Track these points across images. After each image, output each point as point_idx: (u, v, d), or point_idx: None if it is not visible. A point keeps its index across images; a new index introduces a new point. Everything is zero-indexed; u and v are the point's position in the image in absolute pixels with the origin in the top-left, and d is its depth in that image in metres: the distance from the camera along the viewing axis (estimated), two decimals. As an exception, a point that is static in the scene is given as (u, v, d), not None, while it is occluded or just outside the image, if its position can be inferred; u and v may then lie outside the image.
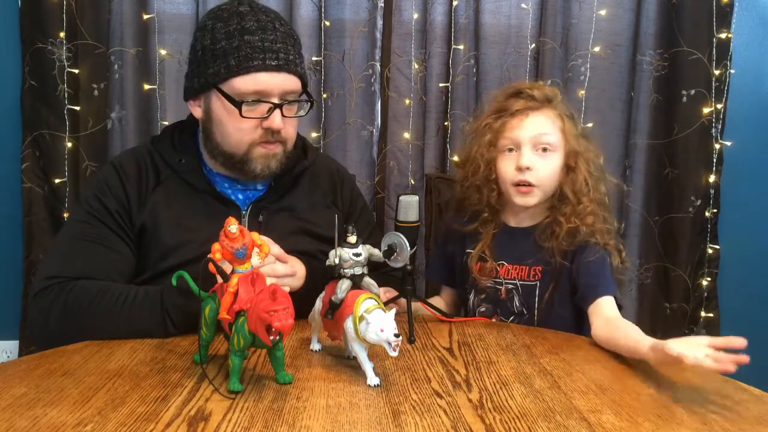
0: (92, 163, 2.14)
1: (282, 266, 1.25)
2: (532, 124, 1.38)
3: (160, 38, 2.13)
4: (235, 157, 1.33)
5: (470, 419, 0.87)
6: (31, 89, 2.11)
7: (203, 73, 1.29)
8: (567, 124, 1.40)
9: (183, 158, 1.36)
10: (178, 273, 1.05)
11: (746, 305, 2.32)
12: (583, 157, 1.39)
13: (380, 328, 0.93)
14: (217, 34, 1.27)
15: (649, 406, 0.94)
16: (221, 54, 1.26)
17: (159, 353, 1.09)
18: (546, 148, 1.37)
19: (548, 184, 1.39)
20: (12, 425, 0.82)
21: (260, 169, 1.32)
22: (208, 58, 1.28)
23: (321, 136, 2.20)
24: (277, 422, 0.84)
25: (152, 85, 2.14)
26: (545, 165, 1.37)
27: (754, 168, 2.30)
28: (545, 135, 1.38)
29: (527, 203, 1.39)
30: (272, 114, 1.27)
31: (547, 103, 1.41)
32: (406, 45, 2.18)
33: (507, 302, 1.43)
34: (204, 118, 1.33)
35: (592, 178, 1.39)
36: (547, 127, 1.39)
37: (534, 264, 1.41)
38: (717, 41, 2.17)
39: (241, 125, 1.28)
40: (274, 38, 1.27)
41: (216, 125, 1.31)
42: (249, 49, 1.25)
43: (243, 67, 1.25)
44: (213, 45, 1.27)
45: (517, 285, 1.42)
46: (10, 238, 2.17)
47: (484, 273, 1.44)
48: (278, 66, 1.26)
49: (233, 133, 1.29)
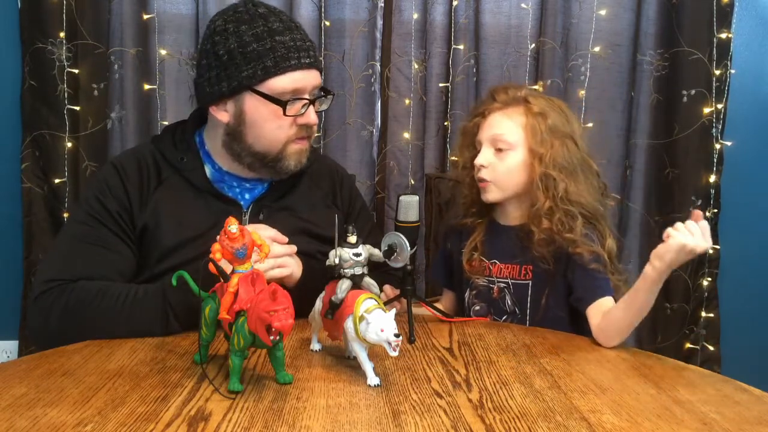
0: (92, 163, 2.14)
1: (280, 247, 1.26)
2: (490, 124, 1.42)
3: (160, 38, 2.13)
4: (269, 156, 1.34)
5: (470, 419, 0.87)
6: (31, 89, 2.12)
7: (234, 76, 1.29)
8: (531, 121, 1.39)
9: (184, 157, 1.36)
10: (178, 273, 1.05)
11: (746, 305, 2.32)
12: (540, 156, 1.38)
13: (380, 328, 0.93)
14: (245, 36, 1.28)
15: (649, 406, 0.94)
16: (255, 56, 1.27)
17: (159, 353, 1.09)
18: (501, 148, 1.40)
19: (505, 180, 1.41)
20: (12, 425, 0.82)
21: (294, 165, 1.35)
22: (239, 61, 1.28)
23: (321, 136, 2.20)
24: (277, 422, 0.84)
25: (152, 85, 2.14)
26: (500, 164, 1.40)
27: (754, 168, 2.31)
28: (502, 134, 1.40)
29: (486, 198, 1.43)
30: (308, 110, 1.31)
31: (511, 103, 1.42)
32: (406, 45, 2.18)
33: (499, 301, 1.44)
34: (233, 121, 1.33)
35: (550, 178, 1.37)
36: (505, 126, 1.40)
37: (524, 263, 1.41)
38: (717, 41, 2.17)
39: (281, 123, 1.30)
40: (301, 37, 1.31)
41: (249, 127, 1.32)
42: (284, 50, 1.27)
43: (281, 68, 1.27)
44: (242, 48, 1.27)
45: (509, 284, 1.43)
46: (10, 238, 2.18)
47: (475, 269, 1.45)
48: (310, 64, 1.31)
49: (271, 132, 1.31)
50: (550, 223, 1.35)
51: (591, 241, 1.35)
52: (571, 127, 1.42)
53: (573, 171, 1.39)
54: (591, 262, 1.33)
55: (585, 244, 1.34)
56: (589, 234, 1.36)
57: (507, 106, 1.43)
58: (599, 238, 1.38)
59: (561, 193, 1.36)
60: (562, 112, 1.43)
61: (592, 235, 1.37)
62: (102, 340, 1.16)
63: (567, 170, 1.38)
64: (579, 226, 1.35)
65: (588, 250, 1.33)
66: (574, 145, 1.41)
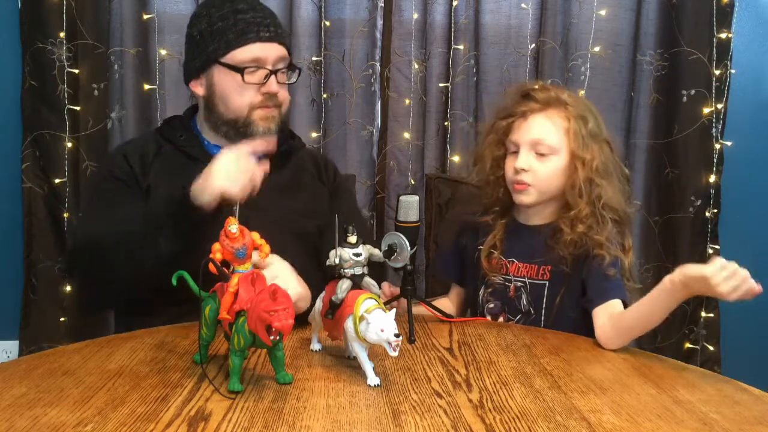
0: (92, 163, 2.14)
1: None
2: (530, 127, 1.40)
3: (160, 38, 2.13)
4: (239, 122, 1.43)
5: (470, 419, 0.87)
6: (31, 89, 2.11)
7: (204, 52, 1.43)
8: (574, 125, 1.39)
9: (183, 134, 1.48)
10: (178, 273, 1.04)
11: (746, 305, 2.28)
12: (583, 161, 1.38)
13: (380, 328, 0.93)
14: (213, 17, 1.42)
15: (649, 406, 0.94)
16: (219, 32, 1.41)
17: (159, 353, 1.09)
18: (543, 152, 1.38)
19: (546, 185, 1.39)
20: (12, 425, 0.82)
21: (262, 129, 1.44)
22: (207, 39, 1.42)
23: (321, 136, 2.20)
24: (277, 422, 0.84)
25: (152, 85, 2.14)
26: (542, 167, 1.39)
27: (754, 168, 2.31)
28: (543, 138, 1.38)
29: (523, 201, 1.41)
30: (269, 80, 1.41)
31: (552, 105, 1.40)
32: (406, 45, 2.18)
33: (515, 300, 1.44)
34: (207, 93, 1.45)
35: (593, 184, 1.37)
36: (546, 130, 1.39)
37: (543, 263, 1.41)
38: (717, 41, 2.17)
39: (244, 91, 1.41)
40: (263, 14, 1.44)
41: (219, 97, 1.43)
42: (244, 24, 1.40)
43: (241, 40, 1.39)
44: (210, 27, 1.42)
45: (526, 283, 1.42)
46: (10, 238, 2.18)
47: (493, 267, 1.45)
48: (270, 37, 1.42)
49: (236, 99, 1.42)
50: (585, 226, 1.35)
51: (614, 245, 1.35)
52: (604, 130, 1.43)
53: (610, 176, 1.40)
54: (609, 267, 1.32)
55: (609, 247, 1.34)
56: (614, 239, 1.36)
57: (547, 108, 1.40)
58: (622, 242, 1.38)
59: (603, 199, 1.36)
60: (596, 115, 1.43)
61: (614, 239, 1.37)
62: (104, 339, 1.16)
63: (607, 175, 1.39)
64: (608, 229, 1.35)
65: (610, 254, 1.33)
66: (609, 149, 1.42)
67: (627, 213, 1.41)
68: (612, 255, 1.33)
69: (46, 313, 2.15)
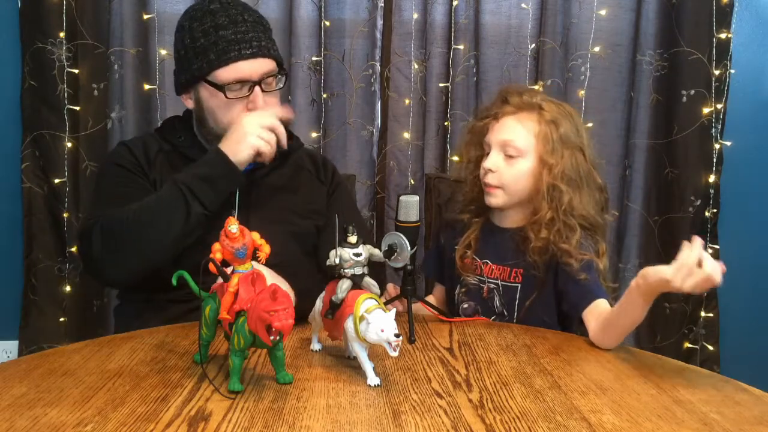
0: (92, 163, 2.14)
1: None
2: (501, 128, 1.41)
3: (160, 38, 2.13)
4: None
5: (470, 419, 0.87)
6: (31, 89, 2.11)
7: (188, 69, 1.42)
8: (544, 129, 1.38)
9: (182, 136, 1.48)
10: (178, 273, 1.05)
11: (746, 305, 2.32)
12: (550, 166, 1.37)
13: (380, 328, 0.93)
14: (195, 33, 1.40)
15: (650, 406, 0.94)
16: (201, 51, 1.39)
17: (159, 353, 1.09)
18: (511, 154, 1.39)
19: (513, 187, 1.40)
20: (12, 425, 0.82)
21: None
22: (190, 56, 1.41)
23: (321, 136, 2.20)
24: (278, 422, 0.84)
25: (152, 85, 2.14)
26: (509, 169, 1.40)
27: (754, 168, 2.31)
28: (512, 140, 1.39)
29: (491, 203, 1.43)
30: (254, 95, 1.40)
31: (525, 108, 1.41)
32: (406, 45, 2.18)
33: (488, 301, 1.44)
34: (196, 107, 1.46)
35: (556, 189, 1.36)
36: (516, 132, 1.40)
37: (515, 266, 1.41)
38: (717, 41, 2.17)
39: (229, 107, 1.40)
40: (245, 29, 1.40)
41: (208, 112, 1.43)
42: (225, 44, 1.38)
43: (222, 60, 1.38)
44: (193, 43, 1.40)
45: (498, 285, 1.43)
46: (10, 238, 2.18)
47: (467, 267, 1.46)
48: (253, 54, 1.39)
49: (225, 116, 1.41)
50: (549, 233, 1.35)
51: (586, 249, 1.35)
52: (581, 138, 1.42)
53: (579, 183, 1.39)
54: (580, 273, 1.32)
55: (578, 255, 1.33)
56: (584, 243, 1.36)
57: (520, 111, 1.41)
58: (594, 246, 1.37)
59: (565, 205, 1.36)
60: (573, 121, 1.43)
61: (587, 244, 1.36)
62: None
63: (573, 182, 1.38)
64: (576, 237, 1.35)
65: (578, 260, 1.32)
66: (583, 156, 1.41)
67: (597, 221, 1.40)
68: (579, 260, 1.32)
69: (45, 313, 2.15)
